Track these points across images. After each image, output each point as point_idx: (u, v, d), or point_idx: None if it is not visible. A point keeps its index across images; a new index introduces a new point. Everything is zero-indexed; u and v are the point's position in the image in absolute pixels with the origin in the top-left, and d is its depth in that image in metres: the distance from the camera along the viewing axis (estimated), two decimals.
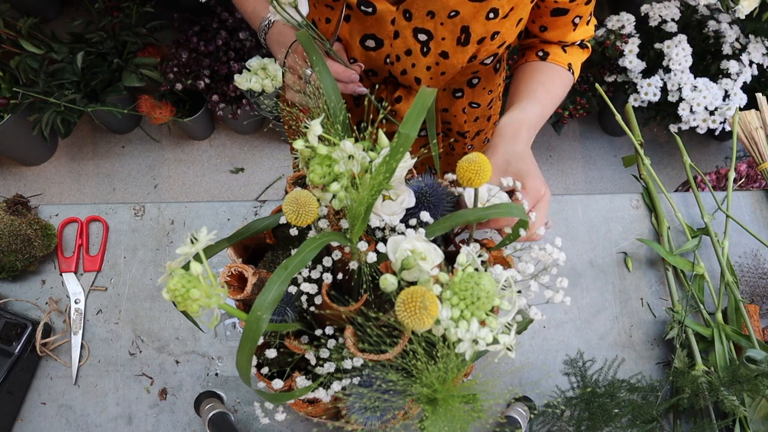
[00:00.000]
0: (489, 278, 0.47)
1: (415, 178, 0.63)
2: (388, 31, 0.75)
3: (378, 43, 0.76)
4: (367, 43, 0.77)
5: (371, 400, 0.54)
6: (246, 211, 0.95)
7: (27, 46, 1.72)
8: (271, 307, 0.43)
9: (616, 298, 0.93)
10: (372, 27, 0.74)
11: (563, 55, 0.83)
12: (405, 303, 0.45)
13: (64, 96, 1.75)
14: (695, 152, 2.29)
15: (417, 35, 0.75)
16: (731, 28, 1.76)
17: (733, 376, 0.79)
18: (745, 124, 1.03)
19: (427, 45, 0.76)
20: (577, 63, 0.85)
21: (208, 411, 0.77)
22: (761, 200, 1.03)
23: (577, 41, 0.83)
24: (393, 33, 0.75)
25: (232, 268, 0.59)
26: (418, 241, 0.50)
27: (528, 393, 0.85)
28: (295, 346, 0.59)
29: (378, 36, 0.76)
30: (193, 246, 0.44)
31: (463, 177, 0.51)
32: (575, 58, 0.84)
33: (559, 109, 1.85)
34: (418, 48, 0.76)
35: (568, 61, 0.83)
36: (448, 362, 0.48)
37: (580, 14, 0.79)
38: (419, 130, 0.81)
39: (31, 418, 0.83)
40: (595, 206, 1.00)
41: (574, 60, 0.84)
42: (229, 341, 0.87)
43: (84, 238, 0.92)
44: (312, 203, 0.49)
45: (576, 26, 0.81)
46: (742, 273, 0.96)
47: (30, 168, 2.14)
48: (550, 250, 0.56)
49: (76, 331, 0.86)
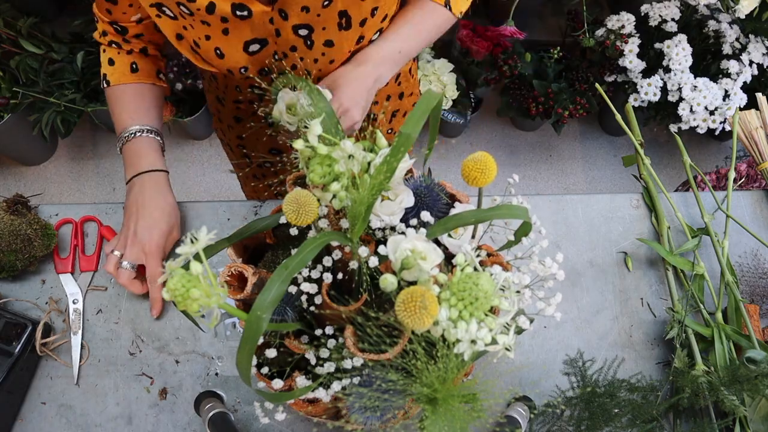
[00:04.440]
0: (487, 278, 0.47)
1: (412, 177, 0.64)
2: (269, 30, 0.75)
3: (262, 43, 0.76)
4: (252, 48, 0.77)
5: (371, 399, 0.54)
6: (246, 211, 0.95)
7: (27, 45, 1.72)
8: (271, 307, 0.43)
9: (616, 298, 0.93)
10: (252, 31, 0.74)
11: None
12: (405, 303, 0.45)
13: (64, 96, 1.75)
14: (695, 152, 2.29)
15: (297, 31, 0.75)
16: (731, 28, 1.76)
17: (733, 376, 0.79)
18: (745, 124, 1.03)
19: (310, 38, 0.76)
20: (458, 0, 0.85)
21: (208, 411, 0.77)
22: (761, 200, 1.03)
23: None
24: (274, 31, 0.75)
25: (232, 268, 0.59)
26: (418, 240, 0.50)
27: (528, 393, 0.86)
28: (295, 345, 0.59)
29: (260, 38, 0.76)
30: (193, 246, 0.44)
31: (469, 176, 0.51)
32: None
33: (559, 109, 1.85)
34: (302, 42, 0.77)
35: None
36: (448, 362, 0.48)
37: None
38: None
39: (31, 418, 0.83)
40: (595, 206, 1.00)
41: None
42: (229, 341, 0.87)
43: (79, 239, 0.92)
44: (312, 203, 0.49)
45: None
46: (742, 273, 0.96)
47: (30, 168, 2.14)
48: (549, 263, 0.56)
49: (75, 331, 0.86)
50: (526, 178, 2.22)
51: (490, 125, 2.31)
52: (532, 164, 2.25)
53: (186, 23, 0.74)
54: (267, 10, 0.71)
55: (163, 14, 0.74)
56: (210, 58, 0.78)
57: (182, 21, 0.74)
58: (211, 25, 0.73)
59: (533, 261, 0.56)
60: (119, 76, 0.86)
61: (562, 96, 1.85)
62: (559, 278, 0.55)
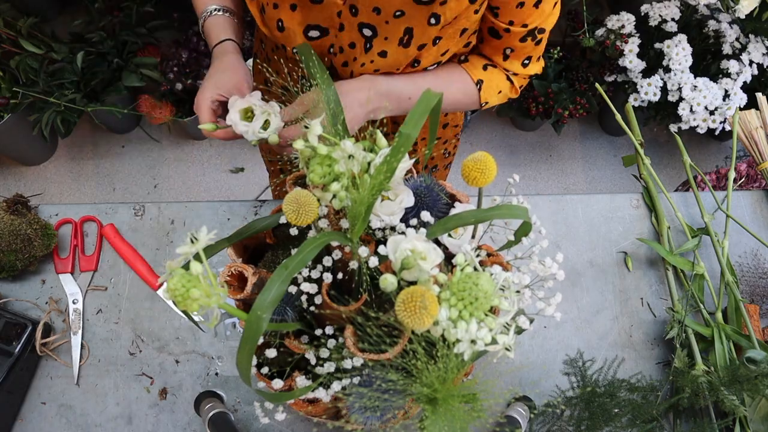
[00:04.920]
0: (487, 278, 0.47)
1: (412, 177, 0.64)
2: (334, 22, 0.74)
3: (323, 32, 0.76)
4: (311, 33, 0.76)
5: (371, 399, 0.54)
6: (246, 211, 0.95)
7: (27, 45, 1.71)
8: (271, 307, 0.43)
9: (616, 297, 0.93)
10: (318, 17, 0.74)
11: (480, 70, 0.82)
12: (405, 303, 0.45)
13: (64, 96, 1.75)
14: (695, 152, 2.29)
15: (362, 30, 0.74)
16: (731, 28, 1.76)
17: (733, 376, 0.79)
18: (745, 124, 1.03)
19: (371, 41, 0.76)
20: (491, 85, 0.82)
21: (208, 411, 0.77)
22: (761, 200, 1.03)
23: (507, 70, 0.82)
24: (339, 25, 0.75)
25: (232, 268, 0.59)
26: (417, 240, 0.50)
27: (528, 393, 0.85)
28: (295, 345, 0.59)
29: (323, 26, 0.75)
30: (193, 245, 0.44)
31: (469, 176, 0.51)
32: (492, 81, 0.82)
33: (559, 109, 1.85)
34: (363, 42, 0.76)
35: (480, 77, 0.81)
36: (448, 362, 0.48)
37: (511, 46, 0.78)
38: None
39: (31, 418, 0.83)
40: (595, 206, 1.00)
41: (490, 82, 0.82)
42: (229, 341, 0.87)
43: (79, 239, 0.92)
44: (312, 203, 0.49)
45: (507, 57, 0.80)
46: (742, 273, 0.96)
47: (30, 168, 2.14)
48: (549, 263, 0.56)
49: (75, 331, 0.86)
50: (526, 178, 2.22)
51: (490, 125, 2.31)
52: (532, 164, 2.25)
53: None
54: (338, 2, 0.72)
55: None
56: (271, 26, 0.78)
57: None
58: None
59: (533, 261, 0.56)
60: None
61: (562, 96, 1.85)
62: (559, 278, 0.55)
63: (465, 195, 0.66)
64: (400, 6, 0.70)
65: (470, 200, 0.65)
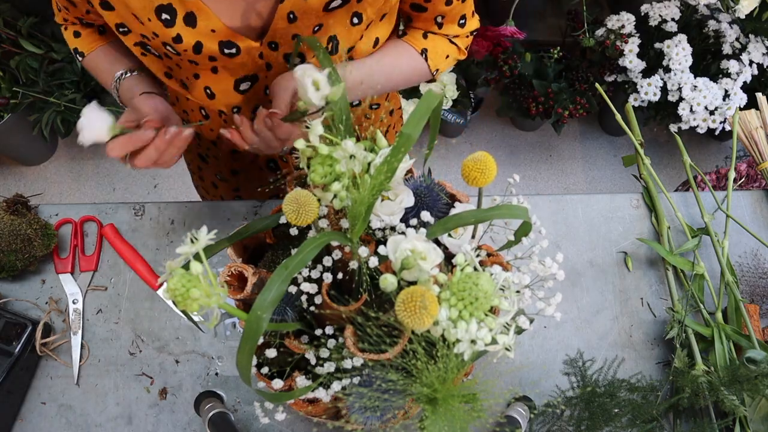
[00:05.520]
0: (487, 278, 0.47)
1: (412, 177, 0.64)
2: (258, 65, 0.73)
3: (252, 80, 0.75)
4: (242, 87, 0.75)
5: (371, 399, 0.54)
6: (246, 211, 0.95)
7: (27, 45, 1.72)
8: (271, 307, 0.43)
9: (616, 297, 0.93)
10: (242, 69, 0.73)
11: (421, 40, 0.81)
12: (405, 303, 0.45)
13: (64, 96, 1.75)
14: (695, 152, 2.29)
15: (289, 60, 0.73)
16: (731, 28, 1.76)
17: (733, 376, 0.79)
18: (745, 124, 1.03)
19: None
20: (437, 54, 0.82)
21: (208, 411, 0.77)
22: (761, 200, 1.03)
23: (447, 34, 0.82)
24: (265, 66, 0.73)
25: (232, 268, 0.59)
26: (417, 240, 0.50)
27: (528, 393, 0.85)
28: (295, 345, 0.59)
29: (250, 74, 0.74)
30: (193, 246, 0.44)
31: (469, 176, 0.51)
32: (437, 47, 0.81)
33: (559, 109, 1.85)
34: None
35: (423, 46, 0.81)
36: (448, 362, 0.48)
37: (441, 13, 0.77)
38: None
39: (31, 418, 0.83)
40: (595, 206, 1.00)
41: (435, 48, 0.81)
42: (229, 341, 0.87)
43: (79, 239, 0.92)
44: (312, 203, 0.49)
45: (441, 25, 0.80)
46: (742, 273, 0.96)
47: (30, 168, 2.14)
48: (549, 263, 0.56)
49: (75, 330, 0.86)
50: (526, 178, 2.22)
51: (490, 125, 2.31)
52: (532, 164, 2.25)
53: (172, 63, 0.72)
54: (256, 46, 0.69)
55: (148, 53, 0.72)
56: (200, 98, 0.76)
57: (168, 61, 0.72)
58: (199, 64, 0.71)
59: (533, 261, 0.56)
60: (89, 42, 0.81)
61: (562, 96, 1.85)
62: (559, 278, 0.55)
63: (465, 195, 0.66)
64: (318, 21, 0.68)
65: (470, 200, 0.65)
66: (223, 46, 0.68)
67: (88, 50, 0.82)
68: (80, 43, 0.82)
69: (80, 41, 0.82)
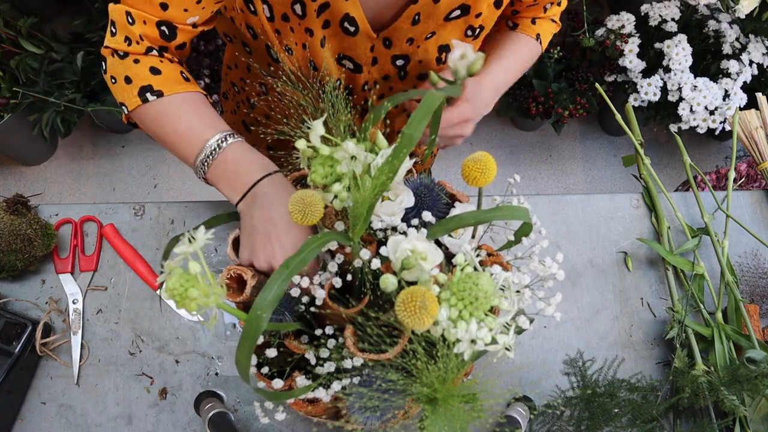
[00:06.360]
0: (487, 278, 0.47)
1: (412, 177, 0.64)
2: (366, 57, 0.74)
3: (356, 67, 0.75)
4: (344, 63, 0.75)
5: (371, 399, 0.54)
6: None
7: (27, 45, 1.71)
8: (271, 306, 0.43)
9: (616, 297, 0.93)
10: (350, 48, 0.72)
11: (532, 26, 0.85)
12: (405, 303, 0.45)
13: (64, 96, 1.75)
14: (695, 152, 2.28)
15: (395, 61, 0.75)
16: (731, 28, 1.76)
17: (733, 376, 0.79)
18: (745, 124, 1.03)
19: (405, 69, 0.76)
20: (545, 34, 0.87)
21: (208, 411, 0.77)
22: (761, 200, 1.03)
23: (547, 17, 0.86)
24: (371, 59, 0.74)
25: (231, 270, 0.59)
26: (418, 241, 0.50)
27: (528, 393, 0.85)
28: (295, 345, 0.59)
29: (356, 60, 0.74)
30: (191, 245, 0.44)
31: (469, 176, 0.51)
32: (545, 30, 0.87)
33: (559, 108, 1.85)
34: (396, 72, 0.76)
35: (536, 31, 0.85)
36: (448, 362, 0.48)
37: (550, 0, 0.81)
38: None
39: (31, 418, 0.83)
40: (595, 206, 1.00)
41: (544, 31, 0.86)
42: (229, 341, 0.87)
43: (79, 239, 0.92)
44: (318, 203, 0.49)
45: (547, 10, 0.83)
46: (742, 273, 0.96)
47: (30, 168, 2.14)
48: (549, 263, 0.56)
49: (75, 330, 0.86)
50: (526, 178, 2.22)
51: (490, 125, 2.31)
52: (532, 164, 2.25)
53: (285, 27, 0.68)
54: (372, 36, 0.70)
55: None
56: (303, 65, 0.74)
57: (280, 24, 0.68)
58: (314, 34, 0.68)
59: (533, 261, 0.56)
60: (173, 85, 0.68)
61: (562, 96, 1.85)
62: (559, 278, 0.55)
63: (465, 195, 0.66)
64: (434, 28, 0.70)
65: (470, 200, 0.65)
66: (344, 20, 0.67)
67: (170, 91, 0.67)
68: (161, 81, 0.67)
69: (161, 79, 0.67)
